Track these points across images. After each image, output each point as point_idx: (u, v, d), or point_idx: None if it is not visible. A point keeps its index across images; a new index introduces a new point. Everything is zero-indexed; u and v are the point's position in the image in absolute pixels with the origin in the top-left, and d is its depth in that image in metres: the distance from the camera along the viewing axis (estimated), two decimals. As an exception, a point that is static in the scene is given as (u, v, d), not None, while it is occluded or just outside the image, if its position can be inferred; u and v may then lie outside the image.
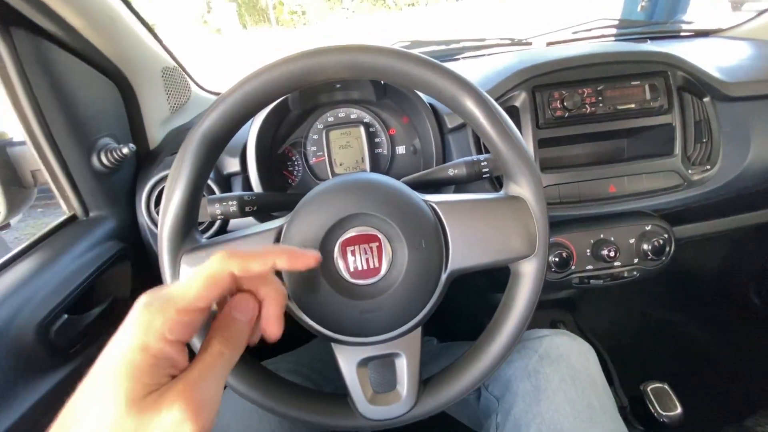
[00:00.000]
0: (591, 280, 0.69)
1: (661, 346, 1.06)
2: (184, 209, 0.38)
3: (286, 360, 0.66)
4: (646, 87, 0.66)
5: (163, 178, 0.64)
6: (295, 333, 0.22)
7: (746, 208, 0.81)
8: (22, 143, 0.57)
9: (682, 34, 1.06)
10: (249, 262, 0.25)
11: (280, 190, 0.72)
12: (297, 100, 0.65)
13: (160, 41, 0.71)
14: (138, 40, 0.64)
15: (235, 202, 0.50)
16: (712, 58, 0.76)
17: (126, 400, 0.20)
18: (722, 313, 1.08)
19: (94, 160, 0.59)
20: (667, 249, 0.66)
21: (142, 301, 0.23)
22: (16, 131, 0.61)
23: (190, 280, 0.24)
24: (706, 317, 1.09)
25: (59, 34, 0.51)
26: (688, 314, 1.11)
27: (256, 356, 0.43)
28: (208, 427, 0.21)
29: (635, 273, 0.69)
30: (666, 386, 0.77)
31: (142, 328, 0.22)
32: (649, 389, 0.77)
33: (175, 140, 0.70)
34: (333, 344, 0.42)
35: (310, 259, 0.29)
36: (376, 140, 0.72)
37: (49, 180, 0.58)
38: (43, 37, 0.51)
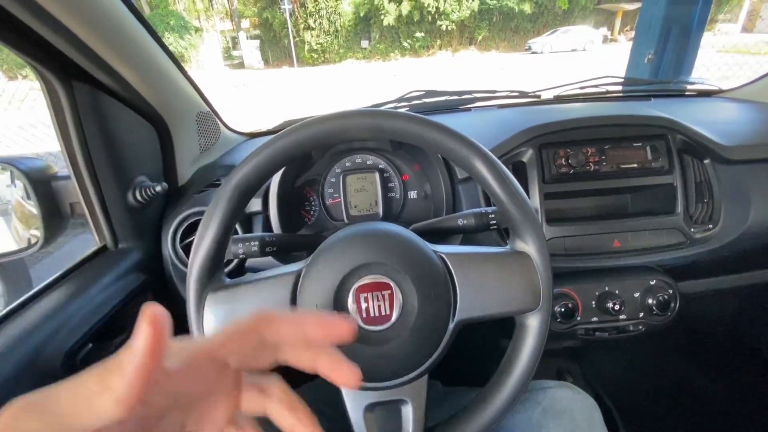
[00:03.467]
0: (596, 332, 0.70)
1: (669, 400, 1.03)
2: (213, 250, 0.42)
3: None
4: (648, 148, 0.69)
5: (190, 215, 0.68)
6: (298, 371, 0.23)
7: (752, 266, 0.81)
8: (66, 177, 0.62)
9: (685, 93, 1.10)
10: (280, 326, 0.24)
11: (297, 228, 0.76)
12: (319, 149, 0.70)
13: (196, 88, 0.78)
14: (179, 88, 0.71)
15: (256, 243, 0.53)
16: (713, 120, 0.79)
17: None
18: (734, 368, 1.06)
19: (129, 197, 0.63)
20: (672, 305, 0.67)
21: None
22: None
23: (221, 330, 0.24)
24: (717, 372, 1.06)
25: (113, 86, 0.57)
26: (699, 368, 1.09)
27: None
28: None
29: (641, 327, 0.69)
30: None
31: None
32: (655, 448, 0.75)
33: (201, 178, 0.75)
34: (341, 387, 0.44)
35: (345, 328, 0.24)
36: (390, 185, 0.76)
37: (87, 212, 0.63)
38: (99, 88, 0.57)
